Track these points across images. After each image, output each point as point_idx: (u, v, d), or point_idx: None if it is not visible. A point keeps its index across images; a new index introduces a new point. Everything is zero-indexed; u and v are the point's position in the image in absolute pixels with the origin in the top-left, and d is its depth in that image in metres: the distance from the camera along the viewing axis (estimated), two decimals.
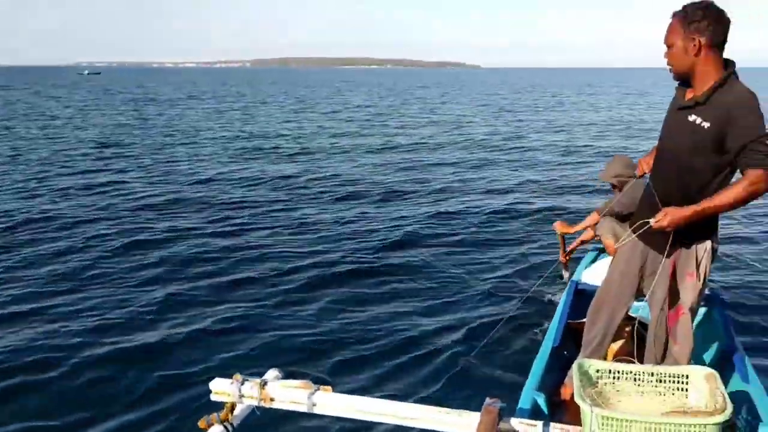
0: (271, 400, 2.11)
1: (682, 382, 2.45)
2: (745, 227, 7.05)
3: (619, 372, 2.52)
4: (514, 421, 1.94)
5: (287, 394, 2.09)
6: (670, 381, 2.45)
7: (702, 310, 3.53)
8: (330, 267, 5.48)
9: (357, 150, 13.24)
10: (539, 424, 1.94)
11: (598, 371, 2.52)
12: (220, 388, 2.10)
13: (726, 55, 2.40)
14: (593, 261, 4.48)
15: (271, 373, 2.24)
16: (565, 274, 4.76)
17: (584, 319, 2.96)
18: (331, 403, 2.06)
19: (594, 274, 4.02)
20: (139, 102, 29.72)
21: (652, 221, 2.43)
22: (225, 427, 2.06)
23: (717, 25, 2.30)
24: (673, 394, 2.45)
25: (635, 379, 2.49)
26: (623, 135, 17.20)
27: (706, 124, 2.32)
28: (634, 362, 2.67)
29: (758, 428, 2.41)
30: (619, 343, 3.16)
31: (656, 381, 2.46)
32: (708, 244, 2.52)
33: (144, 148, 13.29)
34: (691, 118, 2.37)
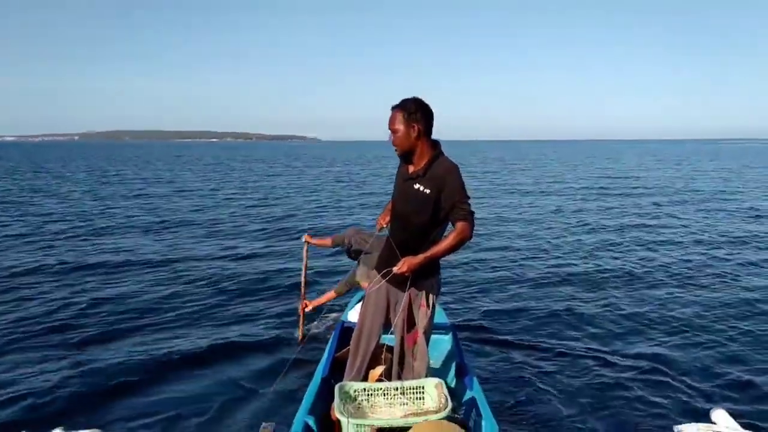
0: None
1: (420, 392, 3.11)
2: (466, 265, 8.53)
3: (372, 390, 3.10)
4: None
5: None
6: (410, 392, 3.09)
7: (439, 335, 4.33)
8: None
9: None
10: None
11: (355, 391, 3.07)
12: None
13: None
14: (358, 302, 5.13)
15: None
16: (300, 330, 5.28)
17: (347, 348, 3.49)
18: None
19: (357, 313, 4.64)
20: None
21: (395, 269, 3.07)
22: None
23: (427, 116, 3.08)
24: (414, 402, 3.10)
25: (384, 395, 3.09)
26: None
27: (427, 191, 3.05)
28: (384, 381, 3.27)
29: (482, 423, 3.10)
30: (380, 368, 3.76)
31: (400, 393, 3.08)
32: (434, 280, 3.25)
33: None
34: (416, 186, 3.09)
